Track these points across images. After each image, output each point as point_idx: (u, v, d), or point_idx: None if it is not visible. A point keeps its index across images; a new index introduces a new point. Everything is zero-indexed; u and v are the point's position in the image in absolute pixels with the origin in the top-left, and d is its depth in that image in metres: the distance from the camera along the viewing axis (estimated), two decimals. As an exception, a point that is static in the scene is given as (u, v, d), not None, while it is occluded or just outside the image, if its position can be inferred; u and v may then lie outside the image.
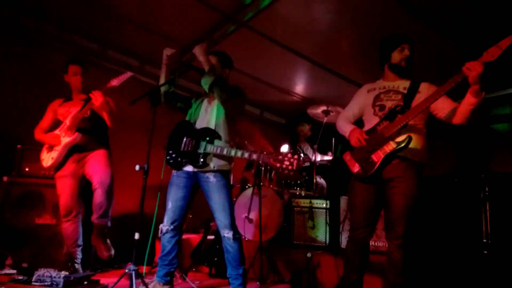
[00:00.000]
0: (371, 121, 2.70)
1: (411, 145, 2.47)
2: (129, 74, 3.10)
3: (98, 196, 3.32)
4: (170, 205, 2.93)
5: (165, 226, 2.90)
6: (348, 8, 3.78)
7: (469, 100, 2.35)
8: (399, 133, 2.48)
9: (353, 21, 3.97)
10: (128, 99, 3.46)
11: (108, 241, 3.36)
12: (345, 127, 2.82)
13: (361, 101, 2.85)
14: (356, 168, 2.63)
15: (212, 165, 2.82)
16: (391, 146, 2.48)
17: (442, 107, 2.54)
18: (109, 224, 3.42)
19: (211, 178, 2.84)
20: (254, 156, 2.58)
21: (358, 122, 2.89)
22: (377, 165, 2.52)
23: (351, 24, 4.02)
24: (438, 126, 2.72)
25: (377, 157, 2.53)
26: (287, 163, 2.42)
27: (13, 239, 3.50)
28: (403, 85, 2.69)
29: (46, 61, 4.48)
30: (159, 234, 2.91)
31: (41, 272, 2.89)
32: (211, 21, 4.27)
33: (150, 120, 2.71)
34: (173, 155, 2.92)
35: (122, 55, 5.17)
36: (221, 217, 2.82)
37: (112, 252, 3.35)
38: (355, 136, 2.65)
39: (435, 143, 5.54)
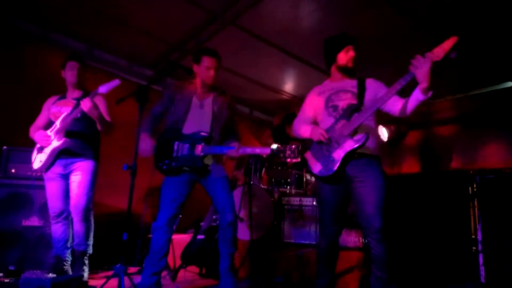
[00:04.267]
0: (326, 122, 2.74)
1: (368, 142, 2.54)
2: (117, 82, 3.05)
3: (74, 223, 3.31)
4: (166, 202, 2.88)
5: (158, 224, 2.85)
6: (334, 4, 3.79)
7: (418, 97, 2.42)
8: (356, 131, 2.55)
9: (340, 17, 3.98)
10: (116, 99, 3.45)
11: (86, 268, 3.30)
12: (304, 127, 2.85)
13: (314, 104, 2.90)
14: (317, 167, 2.66)
15: (211, 165, 2.92)
16: (350, 144, 2.53)
17: (393, 103, 2.61)
18: (89, 251, 3.34)
19: (213, 169, 2.93)
20: (257, 150, 2.79)
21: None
22: (338, 163, 2.55)
23: (337, 21, 4.03)
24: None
25: (338, 155, 2.56)
26: (289, 152, 2.61)
27: (-1, 242, 3.46)
28: (350, 83, 2.78)
29: (32, 62, 4.43)
30: (151, 233, 2.88)
31: (28, 274, 2.85)
32: (198, 19, 4.26)
33: (137, 119, 2.68)
34: (166, 161, 2.87)
35: (110, 55, 5.13)
36: (224, 202, 2.91)
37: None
38: (318, 132, 2.67)
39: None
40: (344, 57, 2.79)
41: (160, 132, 3.03)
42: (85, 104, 3.09)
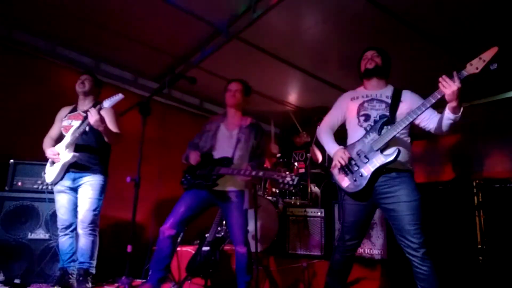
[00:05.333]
0: (356, 132, 2.69)
1: (399, 156, 2.46)
2: (120, 96, 3.09)
3: (80, 238, 3.34)
4: (182, 209, 2.98)
5: (168, 229, 2.91)
6: (337, 17, 3.82)
7: (448, 116, 2.36)
8: (387, 146, 2.48)
9: (343, 30, 4.01)
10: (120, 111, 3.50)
11: (90, 284, 3.30)
12: (329, 144, 2.81)
13: (344, 108, 2.86)
14: (346, 182, 2.58)
15: (232, 193, 3.06)
16: (380, 159, 2.46)
17: (423, 118, 2.56)
18: (92, 270, 3.34)
19: (233, 197, 3.05)
20: (260, 174, 2.82)
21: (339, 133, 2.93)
22: (367, 179, 2.48)
23: (340, 33, 4.06)
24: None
25: (367, 170, 2.49)
26: (288, 178, 2.60)
27: (5, 255, 3.46)
28: (385, 93, 2.72)
29: (39, 76, 4.50)
30: (159, 237, 2.92)
31: None
32: (203, 33, 4.31)
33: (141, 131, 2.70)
34: (188, 177, 3.10)
35: (116, 68, 5.19)
36: (239, 234, 3.01)
37: None
38: (338, 156, 2.63)
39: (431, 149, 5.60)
40: (362, 63, 2.83)
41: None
42: (91, 117, 3.14)
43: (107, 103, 3.10)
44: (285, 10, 3.72)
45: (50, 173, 3.37)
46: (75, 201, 3.39)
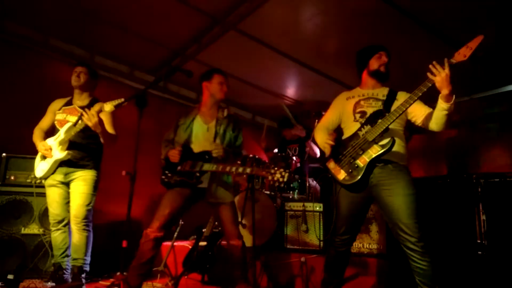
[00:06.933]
0: (351, 128, 2.68)
1: (394, 148, 2.45)
2: (123, 101, 2.97)
3: (73, 234, 3.27)
4: (167, 211, 2.86)
5: (154, 232, 2.80)
6: (335, 9, 3.77)
7: (441, 106, 2.35)
8: (381, 137, 2.46)
9: (341, 22, 3.97)
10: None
11: (84, 281, 3.24)
12: (319, 135, 2.84)
13: (340, 108, 2.86)
14: (342, 175, 2.56)
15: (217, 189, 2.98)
16: (375, 149, 2.45)
17: (418, 113, 2.56)
18: (86, 267, 3.26)
19: (218, 196, 2.97)
20: (248, 171, 2.73)
21: (337, 130, 2.90)
22: (363, 170, 2.47)
23: (339, 25, 4.02)
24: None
25: (363, 161, 2.48)
26: (278, 175, 2.53)
27: (-2, 250, 3.41)
28: (382, 92, 2.73)
29: (32, 68, 4.42)
30: (143, 240, 2.80)
31: (27, 283, 2.81)
32: (200, 24, 4.25)
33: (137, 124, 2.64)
34: (169, 175, 2.97)
35: (111, 61, 5.12)
36: (232, 229, 2.98)
37: None
38: (324, 140, 2.66)
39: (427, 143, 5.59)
40: (376, 62, 2.76)
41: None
42: (90, 120, 3.04)
43: (108, 107, 2.97)
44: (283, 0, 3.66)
45: (41, 167, 3.30)
46: (66, 196, 3.32)
